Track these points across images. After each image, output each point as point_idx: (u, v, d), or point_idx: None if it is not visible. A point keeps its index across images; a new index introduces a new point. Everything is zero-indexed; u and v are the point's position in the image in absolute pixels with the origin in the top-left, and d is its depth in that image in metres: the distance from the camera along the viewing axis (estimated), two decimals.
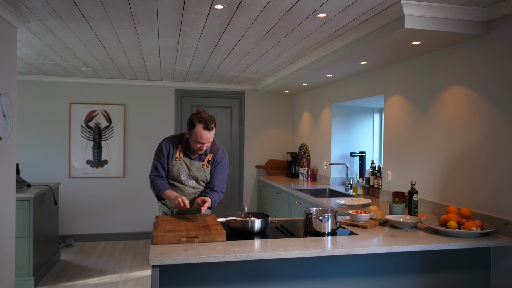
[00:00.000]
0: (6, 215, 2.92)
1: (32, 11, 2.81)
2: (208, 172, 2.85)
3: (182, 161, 2.79)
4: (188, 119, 2.70)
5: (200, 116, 2.63)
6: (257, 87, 6.18)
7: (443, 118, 3.01)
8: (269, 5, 2.59)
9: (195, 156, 2.81)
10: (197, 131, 2.61)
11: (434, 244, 2.23)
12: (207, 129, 2.61)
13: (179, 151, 2.78)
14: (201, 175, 2.83)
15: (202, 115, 2.64)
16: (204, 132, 2.61)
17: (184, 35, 3.33)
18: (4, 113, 2.80)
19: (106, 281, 4.18)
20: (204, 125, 2.60)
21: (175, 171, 2.79)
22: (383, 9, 2.60)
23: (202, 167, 2.82)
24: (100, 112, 5.75)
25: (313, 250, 2.07)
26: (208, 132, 2.62)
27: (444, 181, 3.00)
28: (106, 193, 5.81)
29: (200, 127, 2.60)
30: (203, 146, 2.67)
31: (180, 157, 2.78)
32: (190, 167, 2.80)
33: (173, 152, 2.78)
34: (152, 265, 1.90)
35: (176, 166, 2.79)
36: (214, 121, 2.68)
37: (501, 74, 2.50)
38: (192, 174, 2.81)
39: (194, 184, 2.84)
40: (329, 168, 5.02)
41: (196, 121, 2.62)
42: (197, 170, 2.81)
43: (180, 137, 2.84)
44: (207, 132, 2.62)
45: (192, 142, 2.69)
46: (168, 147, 2.78)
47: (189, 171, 2.80)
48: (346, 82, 4.63)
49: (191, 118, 2.66)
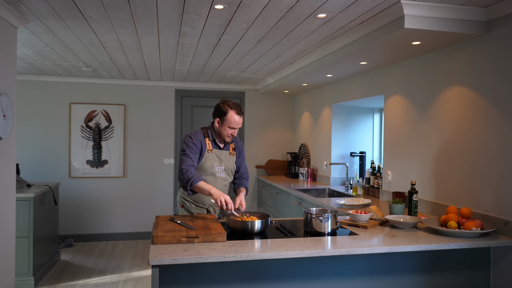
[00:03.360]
0: (6, 215, 2.92)
1: (32, 11, 2.81)
2: (234, 160, 2.94)
3: (213, 153, 2.84)
4: (216, 109, 2.83)
5: (230, 102, 2.81)
6: (257, 87, 6.18)
7: (443, 118, 3.01)
8: (269, 5, 2.59)
9: (222, 146, 2.91)
10: (231, 117, 2.76)
11: (434, 244, 2.23)
12: (239, 113, 2.80)
13: (208, 143, 2.84)
14: (230, 164, 2.91)
15: (231, 102, 2.81)
16: (237, 116, 2.78)
17: (184, 35, 3.33)
18: (4, 113, 2.80)
19: (106, 281, 4.18)
20: (237, 110, 2.79)
21: (208, 163, 2.81)
22: (383, 9, 2.60)
23: (230, 155, 2.92)
24: (100, 112, 5.75)
25: (313, 250, 2.07)
26: (240, 117, 2.80)
27: (444, 181, 3.00)
28: (106, 193, 5.81)
29: (233, 112, 2.77)
30: (235, 132, 2.82)
31: (211, 149, 2.84)
32: (220, 157, 2.86)
33: (204, 144, 2.81)
34: (152, 265, 1.90)
35: (209, 158, 2.82)
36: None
37: (501, 74, 2.50)
38: (223, 164, 2.87)
39: (224, 176, 2.89)
40: (329, 168, 5.02)
41: (228, 107, 2.78)
42: (226, 159, 2.89)
43: (203, 131, 2.87)
44: (240, 117, 2.80)
45: (223, 129, 2.79)
46: (199, 140, 2.80)
47: (220, 161, 2.86)
48: (346, 82, 4.63)
49: (221, 107, 2.80)
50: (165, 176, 5.99)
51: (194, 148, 2.75)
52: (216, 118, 2.82)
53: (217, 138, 2.87)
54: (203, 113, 6.14)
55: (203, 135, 2.83)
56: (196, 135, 2.80)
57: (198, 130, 2.86)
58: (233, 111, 2.77)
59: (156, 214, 5.93)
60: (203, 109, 6.15)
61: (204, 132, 2.85)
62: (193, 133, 2.83)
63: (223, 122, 2.78)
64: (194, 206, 2.86)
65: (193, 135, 2.80)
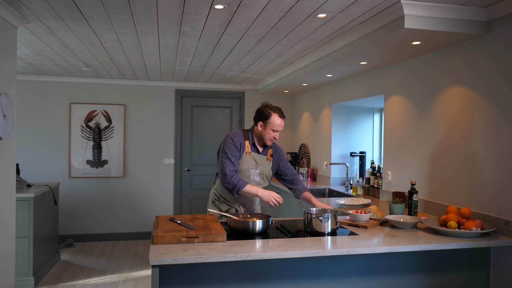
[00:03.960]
0: (6, 215, 2.92)
1: (32, 11, 2.81)
2: (270, 166, 2.97)
3: (251, 156, 2.88)
4: (258, 113, 2.87)
5: (272, 106, 2.85)
6: (257, 87, 6.18)
7: (443, 118, 3.01)
8: (269, 5, 2.59)
9: (261, 151, 2.95)
10: (274, 120, 2.81)
11: (434, 244, 2.23)
12: (282, 116, 2.84)
13: (247, 146, 2.87)
14: (266, 169, 2.94)
15: (273, 106, 2.86)
16: (279, 119, 2.83)
17: (184, 35, 3.33)
18: (4, 113, 2.80)
19: (106, 281, 4.18)
20: (279, 113, 2.84)
21: (244, 166, 2.85)
22: (383, 9, 2.60)
23: (267, 161, 2.95)
24: (100, 112, 5.75)
25: (313, 250, 2.07)
26: (282, 120, 2.85)
27: (444, 181, 3.00)
28: (106, 193, 5.81)
29: (276, 115, 2.82)
30: (277, 135, 2.87)
31: (249, 152, 2.87)
32: (257, 160, 2.90)
33: (243, 146, 2.85)
34: (152, 265, 1.90)
35: (246, 161, 2.85)
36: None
37: (501, 74, 2.50)
38: (258, 168, 2.90)
39: (258, 180, 2.91)
40: (329, 168, 5.02)
41: (271, 110, 2.83)
42: (263, 163, 2.92)
43: (244, 133, 2.91)
44: (282, 120, 2.84)
45: (266, 132, 2.84)
46: (239, 142, 2.84)
47: (256, 164, 2.89)
48: (346, 82, 4.63)
49: (263, 110, 2.84)
50: (165, 176, 5.99)
51: (235, 150, 2.79)
52: (259, 122, 2.86)
53: (257, 142, 2.92)
54: (203, 113, 6.15)
55: (243, 137, 2.88)
56: (237, 137, 2.85)
57: (239, 132, 2.91)
58: (276, 114, 2.82)
59: (156, 214, 5.93)
60: (203, 109, 6.15)
61: (244, 134, 2.90)
62: (234, 134, 2.87)
63: (266, 125, 2.83)
64: (225, 204, 2.93)
65: (234, 136, 2.85)
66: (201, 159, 6.12)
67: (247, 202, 2.96)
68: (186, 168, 6.07)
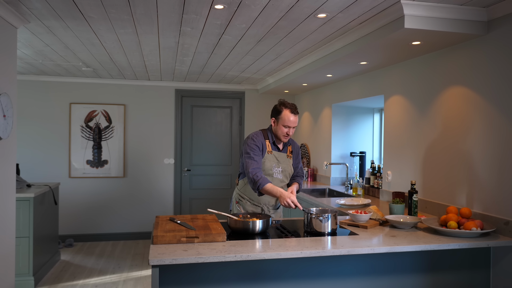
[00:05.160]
0: (6, 215, 2.92)
1: (32, 11, 2.81)
2: (291, 163, 2.99)
3: (272, 154, 2.91)
4: (272, 110, 2.93)
5: (285, 102, 2.88)
6: (257, 87, 6.18)
7: (443, 118, 3.01)
8: (269, 5, 2.59)
9: (281, 148, 2.97)
10: (285, 115, 2.83)
11: (434, 244, 2.23)
12: (294, 112, 2.84)
13: (268, 145, 2.90)
14: (287, 166, 2.96)
15: (287, 102, 2.88)
16: (291, 115, 2.83)
17: (184, 35, 3.33)
18: (4, 113, 2.80)
19: (106, 281, 4.18)
20: (291, 109, 2.85)
21: (267, 164, 2.87)
22: (383, 9, 2.60)
23: (287, 158, 2.97)
24: (100, 112, 5.75)
25: (313, 250, 2.07)
26: (295, 116, 2.85)
27: (444, 181, 3.00)
28: (106, 193, 5.81)
29: (288, 111, 2.84)
30: (289, 131, 2.86)
31: (270, 151, 2.90)
32: (279, 159, 2.93)
33: (264, 146, 2.88)
34: (152, 265, 1.90)
35: (268, 160, 2.88)
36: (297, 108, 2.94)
37: (501, 74, 2.50)
38: (280, 166, 2.92)
39: (281, 177, 2.94)
40: (329, 168, 5.02)
41: (283, 106, 2.86)
42: (284, 161, 2.95)
43: (263, 133, 2.94)
44: (294, 116, 2.84)
45: (279, 128, 2.86)
46: (260, 142, 2.86)
47: (278, 163, 2.91)
48: (346, 82, 4.63)
49: (276, 107, 2.89)
50: (165, 176, 5.99)
51: (257, 150, 2.82)
52: (272, 118, 2.92)
53: (276, 140, 2.95)
54: (203, 113, 6.15)
55: (263, 136, 2.91)
56: (257, 137, 2.87)
57: (259, 132, 2.93)
58: (288, 109, 2.83)
59: (156, 214, 5.93)
60: (203, 109, 6.15)
61: (264, 134, 2.93)
62: (254, 135, 2.89)
63: (278, 121, 2.86)
64: (250, 203, 2.95)
65: (254, 137, 2.87)
66: (201, 159, 6.12)
67: (271, 199, 2.97)
68: (186, 168, 6.07)
